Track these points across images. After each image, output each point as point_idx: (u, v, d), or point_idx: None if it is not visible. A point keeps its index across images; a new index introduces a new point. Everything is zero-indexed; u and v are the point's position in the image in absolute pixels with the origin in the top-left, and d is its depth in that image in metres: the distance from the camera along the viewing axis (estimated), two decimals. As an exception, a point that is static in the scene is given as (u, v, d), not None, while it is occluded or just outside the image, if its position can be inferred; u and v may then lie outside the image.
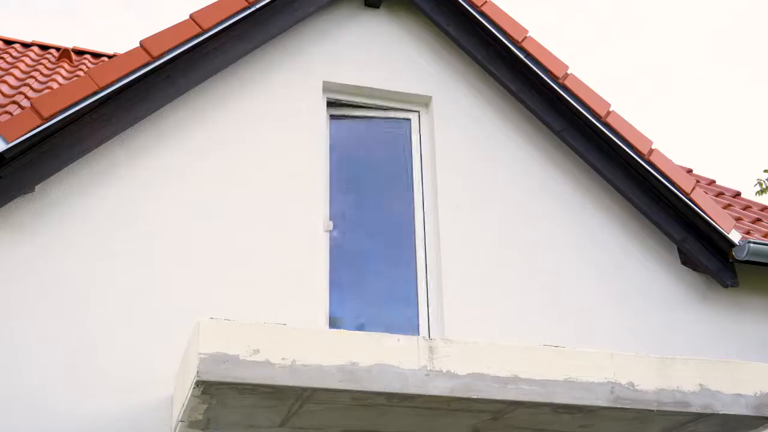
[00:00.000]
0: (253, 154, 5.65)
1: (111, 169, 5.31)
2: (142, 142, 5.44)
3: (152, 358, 4.85)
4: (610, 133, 6.18)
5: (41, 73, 7.07)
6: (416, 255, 5.92)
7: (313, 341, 4.06)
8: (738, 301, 6.35)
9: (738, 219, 6.89)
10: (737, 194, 8.09)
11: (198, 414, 4.24)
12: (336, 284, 5.71)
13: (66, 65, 7.57)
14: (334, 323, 5.50)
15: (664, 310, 6.13)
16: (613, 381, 4.43)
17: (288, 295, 5.32)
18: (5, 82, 6.49)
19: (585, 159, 6.29)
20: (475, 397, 4.21)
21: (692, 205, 6.16)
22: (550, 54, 6.27)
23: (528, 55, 6.21)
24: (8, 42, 8.45)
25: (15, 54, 7.93)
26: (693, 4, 26.38)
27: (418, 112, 6.26)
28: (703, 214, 6.15)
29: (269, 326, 4.04)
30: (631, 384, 4.46)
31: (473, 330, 5.26)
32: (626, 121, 6.27)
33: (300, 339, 4.04)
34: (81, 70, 7.43)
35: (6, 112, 5.49)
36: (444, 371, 4.19)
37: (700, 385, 4.57)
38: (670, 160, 6.37)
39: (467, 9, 6.23)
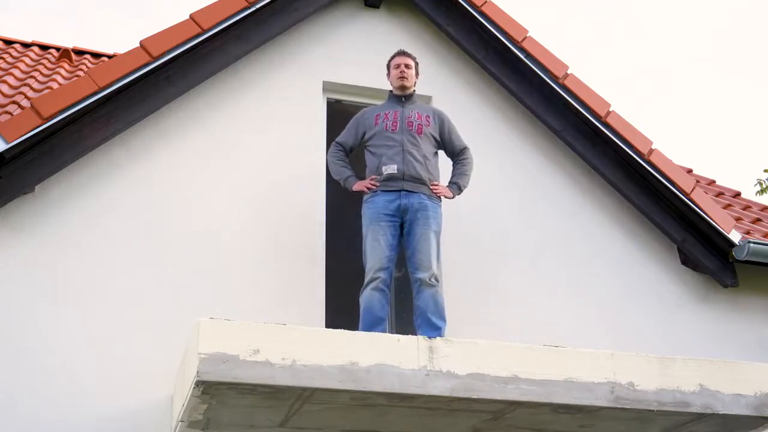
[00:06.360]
0: (253, 155, 5.64)
1: (111, 169, 5.31)
2: (142, 142, 5.43)
3: (152, 358, 4.85)
4: (610, 133, 6.17)
5: (41, 73, 7.06)
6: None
7: (313, 341, 4.06)
8: (738, 301, 6.34)
9: (738, 219, 6.88)
10: (737, 194, 8.08)
11: (198, 414, 4.24)
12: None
13: (66, 65, 7.56)
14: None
15: (664, 310, 6.12)
16: (613, 381, 4.43)
17: (288, 294, 5.32)
18: (5, 82, 6.49)
19: (585, 159, 6.28)
20: (475, 397, 4.21)
21: (692, 205, 6.16)
22: (550, 54, 6.27)
23: (528, 55, 6.20)
24: (8, 42, 8.44)
25: (15, 54, 7.93)
26: (693, 5, 26.40)
27: (418, 112, 6.25)
28: (703, 214, 6.15)
29: (269, 326, 4.04)
30: (631, 384, 4.45)
31: (473, 330, 5.26)
32: (626, 121, 6.26)
33: (300, 339, 4.04)
34: (81, 70, 7.42)
35: (6, 112, 5.49)
36: (444, 371, 4.19)
37: (700, 385, 4.57)
38: (670, 160, 6.36)
39: (467, 9, 6.23)
